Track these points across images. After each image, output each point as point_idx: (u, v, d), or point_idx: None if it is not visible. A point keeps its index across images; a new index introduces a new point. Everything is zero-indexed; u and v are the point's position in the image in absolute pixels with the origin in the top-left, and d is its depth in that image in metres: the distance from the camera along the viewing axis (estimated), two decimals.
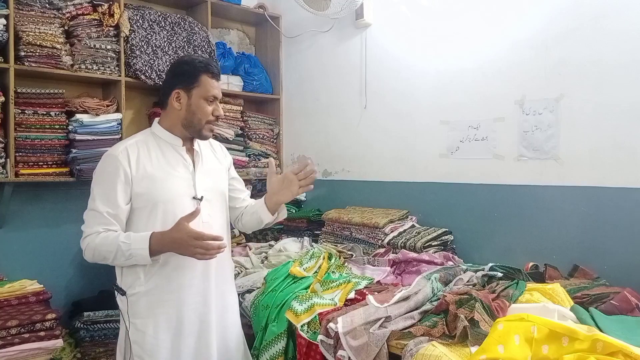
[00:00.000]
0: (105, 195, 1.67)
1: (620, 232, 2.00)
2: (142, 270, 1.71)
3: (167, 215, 1.69)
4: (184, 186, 1.75)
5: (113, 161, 1.69)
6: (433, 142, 2.63)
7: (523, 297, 1.72)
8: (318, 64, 3.28)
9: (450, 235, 2.50)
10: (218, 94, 1.78)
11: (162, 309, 1.72)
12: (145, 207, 1.70)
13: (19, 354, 2.08)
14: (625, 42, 1.99)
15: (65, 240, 2.82)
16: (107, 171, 1.69)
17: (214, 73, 1.77)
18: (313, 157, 3.33)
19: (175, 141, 1.79)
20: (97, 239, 1.65)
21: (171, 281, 1.72)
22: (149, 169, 1.71)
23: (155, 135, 1.80)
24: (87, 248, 1.69)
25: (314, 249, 2.59)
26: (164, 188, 1.71)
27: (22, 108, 2.42)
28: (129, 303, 1.73)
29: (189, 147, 1.82)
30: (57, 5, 2.51)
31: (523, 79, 2.28)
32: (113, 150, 1.73)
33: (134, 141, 1.77)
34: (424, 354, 1.49)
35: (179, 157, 1.78)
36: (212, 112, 1.76)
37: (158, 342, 1.71)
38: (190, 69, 1.76)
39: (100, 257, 1.68)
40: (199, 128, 1.76)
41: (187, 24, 3.00)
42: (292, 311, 1.97)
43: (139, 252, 1.61)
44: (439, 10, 2.60)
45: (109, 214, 1.66)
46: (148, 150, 1.75)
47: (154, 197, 1.70)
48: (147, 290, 1.72)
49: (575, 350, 1.29)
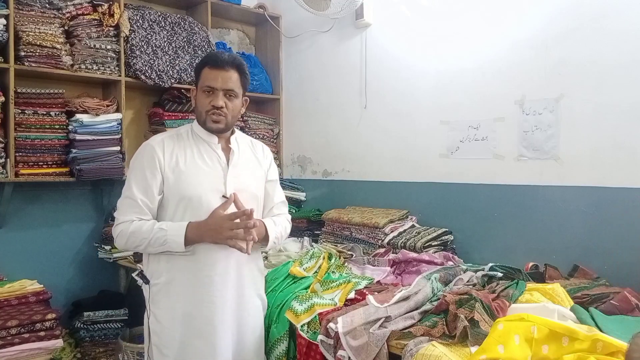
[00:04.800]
0: (140, 183, 1.70)
1: (620, 232, 2.00)
2: (166, 261, 1.73)
3: (193, 210, 1.70)
4: (214, 183, 1.74)
5: (150, 150, 1.72)
6: (433, 142, 2.63)
7: (523, 297, 1.72)
8: (318, 64, 3.28)
9: (450, 235, 2.50)
10: (215, 84, 1.72)
11: (180, 302, 1.72)
12: (172, 200, 1.72)
13: (19, 354, 2.08)
14: (625, 42, 1.98)
15: (65, 240, 2.83)
16: (144, 160, 1.72)
17: (213, 63, 1.73)
18: (313, 157, 3.33)
19: (210, 138, 1.79)
20: (131, 227, 1.68)
21: (191, 276, 1.72)
22: (182, 163, 1.73)
23: (194, 131, 1.81)
24: (120, 235, 1.71)
25: (314, 249, 2.58)
26: (193, 183, 1.71)
27: (22, 108, 2.42)
28: (151, 292, 1.76)
29: (225, 145, 1.82)
30: (57, 5, 2.52)
31: (523, 79, 2.28)
32: (151, 140, 1.77)
33: (173, 133, 1.81)
34: (424, 354, 1.49)
35: (214, 154, 1.78)
36: (210, 102, 1.73)
37: (173, 335, 1.72)
38: (198, 65, 1.79)
39: (133, 244, 1.70)
40: (203, 120, 1.77)
41: (187, 24, 3.00)
42: (292, 311, 1.97)
43: (174, 239, 1.64)
44: (439, 10, 2.60)
45: (143, 202, 1.69)
46: (184, 145, 1.77)
47: (181, 190, 1.70)
48: (167, 282, 1.73)
49: (575, 350, 1.29)
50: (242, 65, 1.77)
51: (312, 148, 3.33)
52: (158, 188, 1.70)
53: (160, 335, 1.74)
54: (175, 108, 2.96)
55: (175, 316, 1.73)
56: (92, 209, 2.93)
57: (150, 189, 1.69)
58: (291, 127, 3.50)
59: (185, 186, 1.70)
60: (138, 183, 1.70)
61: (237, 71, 1.75)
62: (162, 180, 1.71)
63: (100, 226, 2.93)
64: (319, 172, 3.29)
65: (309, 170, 3.37)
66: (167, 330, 1.73)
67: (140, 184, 1.70)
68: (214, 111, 1.73)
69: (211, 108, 1.73)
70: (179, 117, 2.97)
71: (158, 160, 1.70)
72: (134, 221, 1.69)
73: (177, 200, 1.71)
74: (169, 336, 1.73)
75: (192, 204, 1.70)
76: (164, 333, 1.73)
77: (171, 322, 1.73)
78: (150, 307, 1.77)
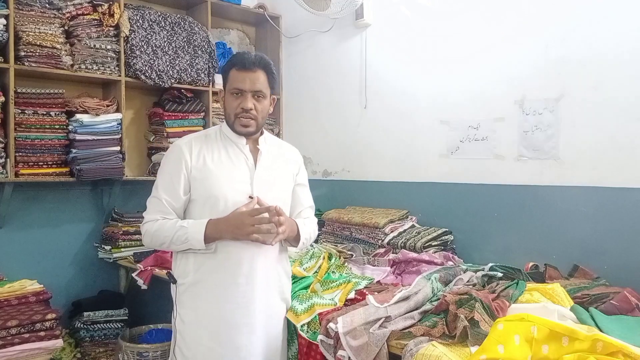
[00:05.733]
0: (166, 183, 1.73)
1: (620, 232, 2.00)
2: (194, 261, 1.73)
3: (220, 209, 1.70)
4: (241, 183, 1.74)
5: (177, 151, 1.75)
6: (433, 142, 2.63)
7: (523, 297, 1.72)
8: (318, 64, 3.28)
9: (450, 235, 2.50)
10: (243, 86, 1.71)
11: (205, 303, 1.72)
12: (200, 200, 1.73)
13: (19, 354, 2.08)
14: (625, 41, 1.99)
15: (65, 240, 2.83)
16: (171, 160, 1.75)
17: (241, 65, 1.72)
18: (313, 157, 3.33)
19: (238, 139, 1.79)
20: (155, 225, 1.71)
21: (216, 277, 1.72)
22: (209, 163, 1.73)
23: (222, 132, 1.82)
24: (146, 234, 1.74)
25: (314, 249, 2.58)
26: (219, 183, 1.72)
27: (22, 108, 2.42)
28: (177, 292, 1.77)
29: (253, 146, 1.82)
30: (57, 5, 2.51)
31: (523, 79, 2.28)
32: (180, 141, 1.79)
33: (202, 134, 1.83)
34: (424, 354, 1.49)
35: (241, 154, 1.78)
36: (239, 104, 1.73)
37: (196, 337, 1.72)
38: (225, 67, 1.79)
39: (158, 242, 1.73)
40: (231, 123, 1.77)
41: (187, 24, 3.00)
42: (292, 311, 1.97)
43: (195, 236, 1.65)
44: (439, 10, 2.60)
45: (168, 202, 1.71)
46: (212, 145, 1.78)
47: (208, 190, 1.71)
48: (194, 282, 1.73)
49: (575, 350, 1.29)
50: (269, 65, 1.77)
51: (312, 148, 3.33)
52: (183, 188, 1.72)
53: (184, 335, 1.74)
54: (175, 108, 2.95)
55: (200, 317, 1.72)
56: (92, 209, 2.93)
57: (175, 189, 1.71)
58: (291, 127, 3.50)
59: (211, 186, 1.71)
60: (164, 183, 1.73)
61: (264, 71, 1.75)
62: (188, 180, 1.72)
63: (100, 226, 2.93)
64: (319, 172, 3.29)
65: (309, 170, 3.35)
66: (190, 330, 1.73)
67: (166, 184, 1.73)
68: (243, 114, 1.73)
69: (240, 111, 1.73)
70: (179, 117, 2.97)
71: (185, 161, 1.72)
72: (158, 220, 1.71)
73: (203, 200, 1.72)
74: (191, 338, 1.73)
75: (219, 203, 1.70)
76: (187, 334, 1.73)
77: (195, 323, 1.73)
78: (176, 307, 1.77)
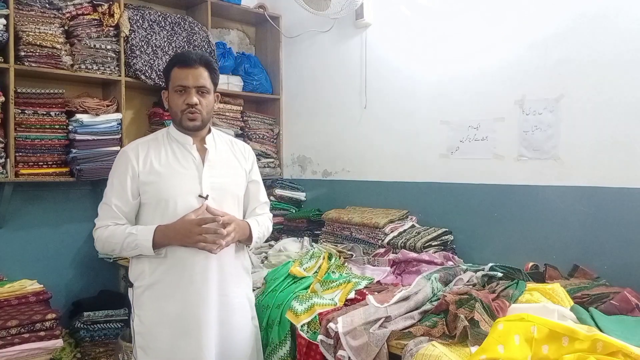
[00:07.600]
0: (115, 189, 1.75)
1: (620, 232, 2.00)
2: (148, 264, 1.75)
3: (171, 211, 1.71)
4: (190, 184, 1.75)
5: (124, 157, 1.77)
6: (433, 142, 2.63)
7: (523, 297, 1.72)
8: (318, 64, 3.28)
9: (450, 235, 2.50)
10: (186, 82, 1.72)
11: (163, 303, 1.73)
12: (150, 203, 1.74)
13: (19, 354, 2.08)
14: (625, 42, 1.98)
15: (65, 240, 2.83)
16: (119, 167, 1.77)
17: (183, 62, 1.73)
18: (313, 157, 3.33)
19: (184, 139, 1.80)
20: (106, 232, 1.73)
21: (172, 277, 1.73)
22: (156, 166, 1.75)
23: (169, 134, 1.83)
24: (98, 240, 1.77)
25: (314, 249, 2.59)
26: (168, 185, 1.73)
27: (22, 108, 2.42)
28: (134, 295, 1.79)
29: (201, 145, 1.83)
30: (57, 5, 2.51)
31: (523, 79, 2.28)
32: (126, 147, 1.82)
33: (148, 138, 1.84)
34: (424, 354, 1.49)
35: (188, 154, 1.79)
36: (184, 101, 1.74)
37: (157, 336, 1.74)
38: (167, 67, 1.80)
39: (109, 248, 1.76)
40: (179, 120, 1.77)
41: (187, 24, 3.00)
42: (292, 311, 1.97)
43: (143, 243, 1.68)
44: (439, 10, 2.60)
45: (118, 208, 1.73)
46: (159, 148, 1.79)
47: (158, 193, 1.73)
48: (150, 284, 1.75)
49: (575, 350, 1.29)
50: (210, 62, 1.79)
51: (312, 148, 3.33)
52: (131, 193, 1.74)
53: (144, 336, 1.75)
54: None
55: (160, 317, 1.74)
56: (92, 209, 2.88)
57: (124, 194, 1.73)
58: (291, 127, 3.50)
59: (160, 189, 1.73)
60: (113, 189, 1.75)
61: (206, 68, 1.76)
62: (136, 185, 1.74)
63: None
64: (319, 172, 3.29)
65: (309, 170, 3.37)
66: (150, 330, 1.74)
67: (115, 189, 1.74)
68: (189, 109, 1.74)
69: (186, 107, 1.74)
70: None
71: (132, 166, 1.73)
72: (109, 226, 1.73)
73: (154, 204, 1.74)
74: (152, 337, 1.74)
75: (168, 206, 1.72)
76: (148, 334, 1.75)
77: (155, 324, 1.74)
78: (134, 309, 1.78)
